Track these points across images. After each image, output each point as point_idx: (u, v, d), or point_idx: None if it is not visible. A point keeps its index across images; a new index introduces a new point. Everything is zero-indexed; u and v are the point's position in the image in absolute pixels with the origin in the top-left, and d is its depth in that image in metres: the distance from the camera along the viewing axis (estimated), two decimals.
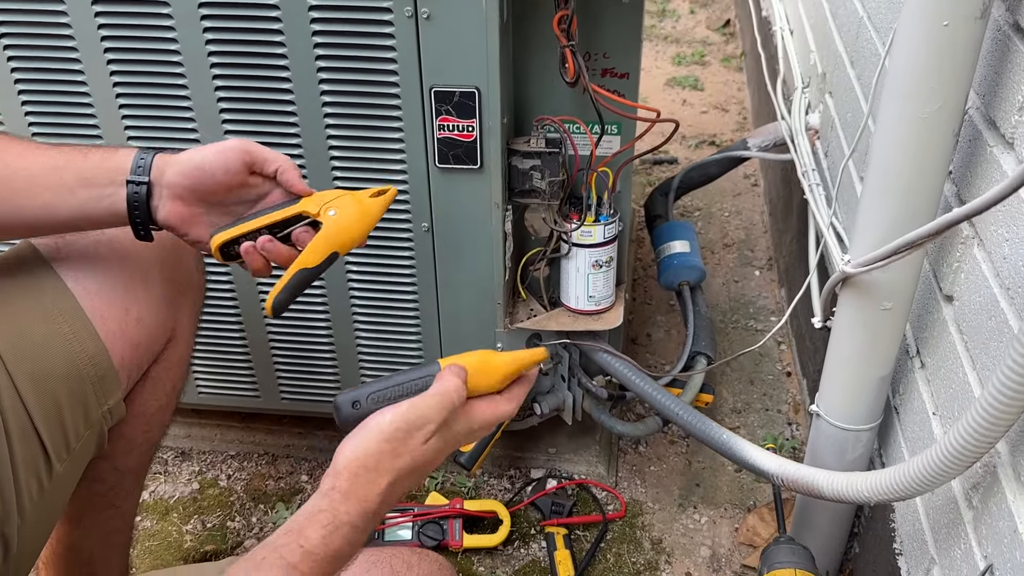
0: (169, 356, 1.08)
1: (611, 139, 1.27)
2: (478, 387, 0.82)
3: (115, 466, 1.09)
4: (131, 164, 0.87)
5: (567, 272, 1.33)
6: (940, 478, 0.84)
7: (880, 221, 0.96)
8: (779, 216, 2.05)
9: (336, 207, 0.90)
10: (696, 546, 1.46)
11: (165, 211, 0.88)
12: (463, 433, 0.80)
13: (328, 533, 0.71)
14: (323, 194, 0.91)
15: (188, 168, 0.87)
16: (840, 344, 1.07)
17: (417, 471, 0.77)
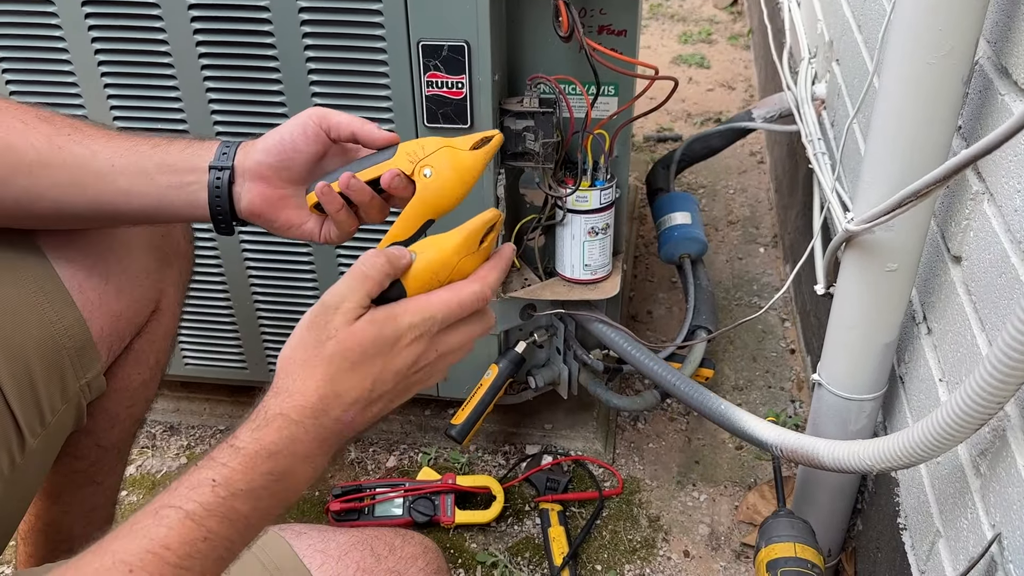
0: (153, 329, 1.04)
1: (608, 100, 1.23)
2: (433, 268, 0.70)
3: (97, 442, 1.05)
4: (215, 152, 0.83)
5: (562, 239, 1.29)
6: (946, 442, 0.79)
7: (885, 176, 0.91)
8: (785, 192, 2.00)
9: (431, 164, 0.79)
10: (695, 524, 1.42)
11: (250, 196, 0.83)
12: (413, 321, 0.69)
13: (257, 427, 0.64)
14: (416, 145, 0.80)
15: (269, 144, 0.82)
16: (843, 309, 1.03)
17: (356, 362, 0.67)
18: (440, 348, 0.71)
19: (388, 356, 0.69)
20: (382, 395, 0.70)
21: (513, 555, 1.37)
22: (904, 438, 0.84)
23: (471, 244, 0.71)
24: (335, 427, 0.68)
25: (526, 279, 1.34)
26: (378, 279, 0.69)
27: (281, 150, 0.81)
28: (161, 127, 1.21)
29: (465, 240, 0.71)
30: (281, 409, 0.65)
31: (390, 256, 0.70)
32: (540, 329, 1.39)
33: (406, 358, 0.69)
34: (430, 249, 0.71)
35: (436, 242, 0.71)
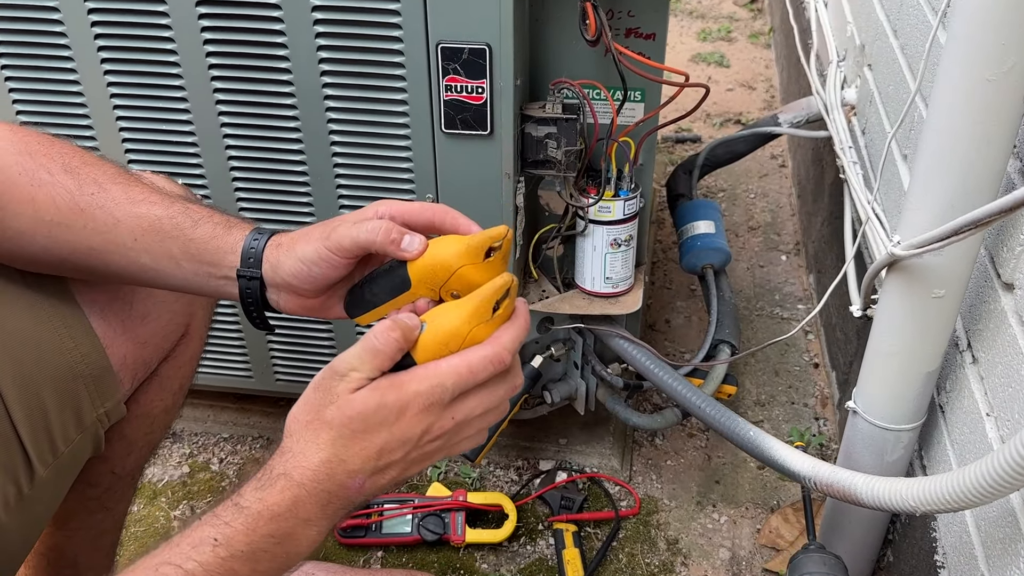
0: (181, 353, 0.99)
1: (634, 107, 1.17)
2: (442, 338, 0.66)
3: (112, 469, 1.01)
4: (241, 251, 0.77)
5: (583, 251, 1.23)
6: (1004, 489, 0.74)
7: (935, 199, 0.85)
8: (808, 198, 1.94)
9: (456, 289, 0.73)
10: (715, 547, 1.36)
11: (288, 305, 0.79)
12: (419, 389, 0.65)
13: (261, 486, 0.63)
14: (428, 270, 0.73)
15: (297, 273, 0.76)
16: (883, 335, 0.97)
17: (358, 430, 0.64)
18: (457, 416, 0.67)
19: (394, 425, 0.65)
20: (392, 463, 0.67)
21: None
22: (956, 481, 0.78)
23: (483, 314, 0.66)
24: (340, 492, 0.65)
25: (544, 291, 1.28)
26: (390, 355, 0.66)
27: (312, 279, 0.76)
28: (166, 131, 1.16)
29: (476, 310, 0.66)
30: (285, 470, 0.64)
31: (404, 330, 0.66)
32: (557, 343, 1.33)
33: (415, 427, 0.66)
34: (440, 318, 0.67)
35: (447, 311, 0.67)
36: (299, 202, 1.19)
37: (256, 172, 1.17)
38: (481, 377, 0.66)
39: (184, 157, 1.18)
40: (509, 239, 0.73)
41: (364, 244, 0.73)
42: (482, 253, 0.71)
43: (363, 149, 1.12)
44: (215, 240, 0.78)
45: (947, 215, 0.83)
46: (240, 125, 1.13)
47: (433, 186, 1.13)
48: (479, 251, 0.71)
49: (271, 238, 0.78)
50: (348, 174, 1.15)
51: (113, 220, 0.77)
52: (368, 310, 0.78)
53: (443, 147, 1.09)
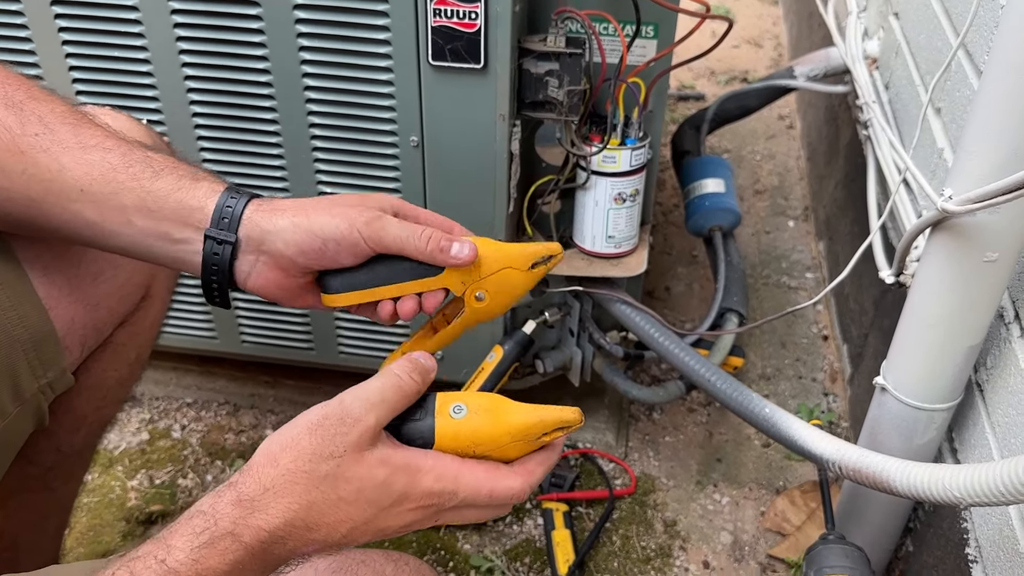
0: (140, 319, 0.88)
1: (645, 43, 1.05)
2: (477, 438, 0.58)
3: (57, 446, 0.90)
4: (213, 209, 0.66)
5: (583, 206, 1.12)
6: None
7: (996, 146, 0.74)
8: (820, 161, 1.82)
9: (486, 289, 0.71)
10: (716, 531, 1.26)
11: (261, 281, 0.69)
12: (432, 488, 0.56)
13: (200, 545, 0.51)
14: (472, 268, 0.70)
15: (304, 244, 0.66)
16: (922, 304, 0.86)
17: (345, 499, 0.54)
18: (441, 520, 0.59)
19: (384, 511, 0.56)
20: (350, 543, 0.57)
21: (511, 559, 1.22)
22: (1009, 471, 0.68)
23: (533, 435, 0.58)
24: (286, 557, 0.55)
25: None
26: (412, 398, 0.59)
27: (319, 256, 0.67)
28: (117, 59, 1.02)
29: (529, 428, 0.58)
30: (235, 527, 0.52)
31: (423, 372, 0.60)
32: (552, 307, 1.22)
33: (401, 520, 0.57)
34: (484, 415, 0.58)
35: (495, 410, 0.58)
36: (267, 143, 1.06)
37: (217, 105, 1.04)
38: (494, 504, 0.59)
39: (137, 89, 1.05)
40: (559, 260, 0.73)
41: (407, 250, 0.68)
42: (530, 261, 0.71)
43: (339, 83, 0.99)
44: (179, 192, 0.66)
45: (1010, 165, 0.72)
46: (200, 53, 1.00)
47: (418, 128, 1.01)
48: (529, 259, 0.71)
49: (252, 200, 0.67)
50: (322, 111, 1.02)
51: (58, 166, 0.65)
52: (373, 286, 0.69)
53: (430, 82, 0.97)
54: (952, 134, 1.06)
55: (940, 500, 0.76)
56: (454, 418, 0.58)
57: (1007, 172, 0.70)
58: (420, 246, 0.67)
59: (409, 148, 1.02)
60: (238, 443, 1.37)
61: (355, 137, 1.03)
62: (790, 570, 1.20)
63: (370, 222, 0.66)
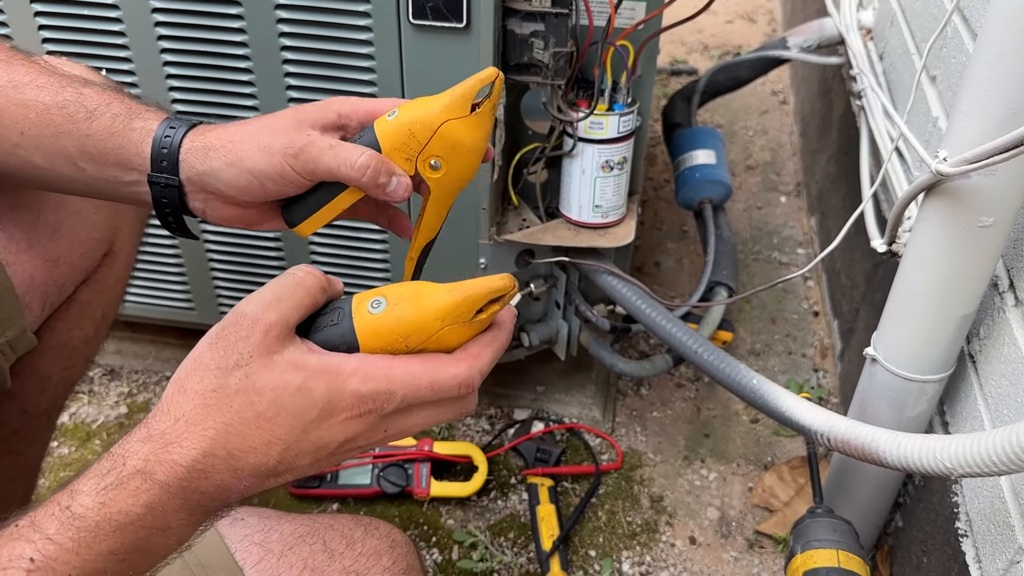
0: (104, 275, 0.85)
1: (634, 5, 1.01)
2: (405, 329, 0.51)
3: (22, 407, 0.87)
4: (150, 151, 0.63)
5: (570, 174, 1.09)
6: None
7: (993, 105, 0.71)
8: (812, 136, 1.80)
9: (436, 154, 0.62)
10: (703, 506, 1.25)
11: (216, 215, 0.66)
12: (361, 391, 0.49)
13: (107, 487, 0.46)
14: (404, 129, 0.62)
15: (243, 186, 0.63)
16: (915, 271, 0.84)
17: (263, 415, 0.48)
18: (391, 430, 0.52)
19: (312, 424, 0.49)
20: (292, 469, 0.50)
21: (495, 535, 1.20)
22: (1004, 440, 0.66)
23: (464, 312, 0.50)
24: (217, 495, 0.49)
25: (524, 220, 1.14)
26: (313, 292, 0.52)
27: (262, 192, 0.63)
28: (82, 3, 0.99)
29: (457, 306, 0.50)
30: (146, 464, 0.46)
31: (332, 280, 0.54)
32: (538, 279, 1.19)
33: (337, 434, 0.50)
34: (406, 303, 0.51)
35: (417, 296, 0.51)
36: (242, 105, 1.03)
37: (193, 68, 1.01)
38: (440, 398, 0.52)
39: (106, 37, 1.01)
40: (500, 83, 0.61)
41: (343, 178, 0.62)
42: (469, 104, 0.61)
43: (316, 43, 0.96)
44: (115, 137, 0.63)
45: (1007, 125, 0.70)
46: (174, 11, 0.97)
47: (399, 90, 0.98)
48: (465, 101, 0.61)
49: (189, 132, 0.63)
50: (298, 72, 0.99)
51: None
52: (317, 209, 0.64)
53: (411, 42, 0.94)
54: (947, 102, 1.04)
55: (931, 471, 0.74)
56: (373, 313, 0.51)
57: (1003, 132, 0.68)
58: (356, 177, 0.61)
59: None
60: None
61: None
62: (777, 546, 1.19)
63: (299, 154, 0.61)
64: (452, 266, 1.13)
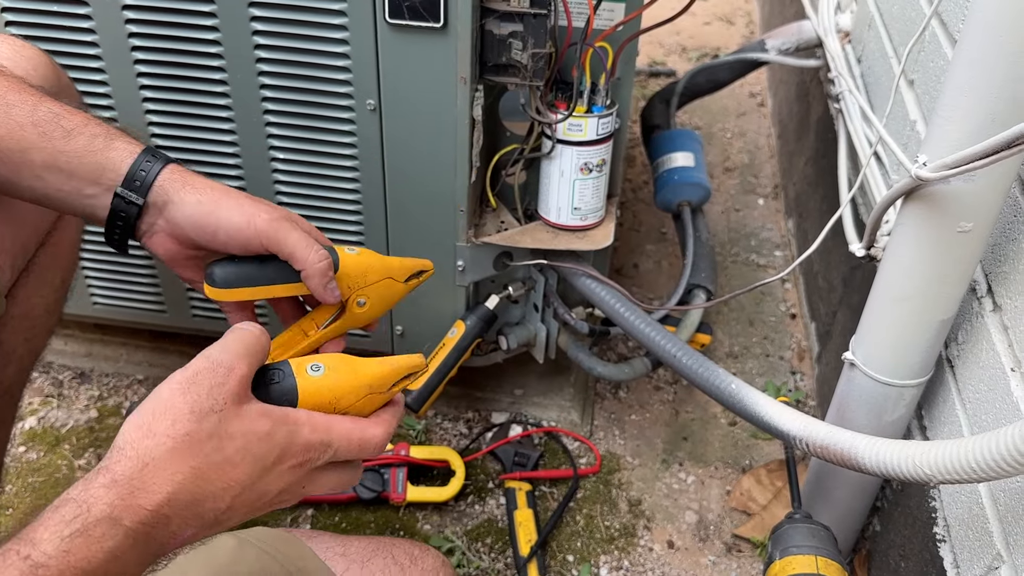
0: (59, 238, 0.86)
1: (613, 7, 1.01)
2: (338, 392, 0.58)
3: None
4: (127, 170, 0.67)
5: (548, 176, 1.08)
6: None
7: (973, 110, 0.71)
8: (790, 138, 1.80)
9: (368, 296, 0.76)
10: (681, 510, 1.24)
11: (154, 240, 0.70)
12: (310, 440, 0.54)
13: (71, 535, 0.45)
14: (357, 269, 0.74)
15: (200, 224, 0.68)
16: (893, 277, 0.84)
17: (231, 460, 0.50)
18: (308, 487, 0.56)
19: (266, 471, 0.52)
20: (229, 519, 0.52)
21: (472, 540, 1.19)
22: (983, 447, 0.66)
23: (387, 383, 0.60)
24: (166, 543, 0.50)
25: (502, 222, 1.13)
26: (266, 350, 0.56)
27: (210, 239, 0.68)
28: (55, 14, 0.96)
29: (383, 377, 0.60)
30: (112, 509, 0.46)
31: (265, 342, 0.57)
32: (516, 282, 1.18)
33: (279, 482, 0.53)
34: (343, 370, 0.59)
35: (349, 364, 0.60)
36: (216, 104, 1.01)
37: (164, 67, 0.99)
38: (358, 456, 0.57)
39: (76, 34, 0.99)
40: (429, 275, 0.80)
41: (298, 260, 0.68)
42: (407, 274, 0.78)
43: (291, 42, 0.94)
44: (93, 155, 0.66)
45: (987, 131, 0.70)
46: (145, 8, 0.95)
47: (375, 91, 0.96)
48: (407, 271, 0.78)
49: (170, 164, 0.68)
50: (273, 71, 0.97)
51: None
52: (250, 284, 0.70)
53: (387, 42, 0.92)
54: (925, 106, 1.04)
55: (910, 478, 0.74)
56: (313, 376, 0.57)
57: (983, 138, 0.67)
58: (313, 261, 0.68)
59: (366, 112, 0.98)
60: None
61: (309, 100, 0.98)
62: (756, 550, 1.19)
63: (272, 222, 0.67)
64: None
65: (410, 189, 1.05)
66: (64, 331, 1.41)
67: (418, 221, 1.07)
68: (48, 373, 1.39)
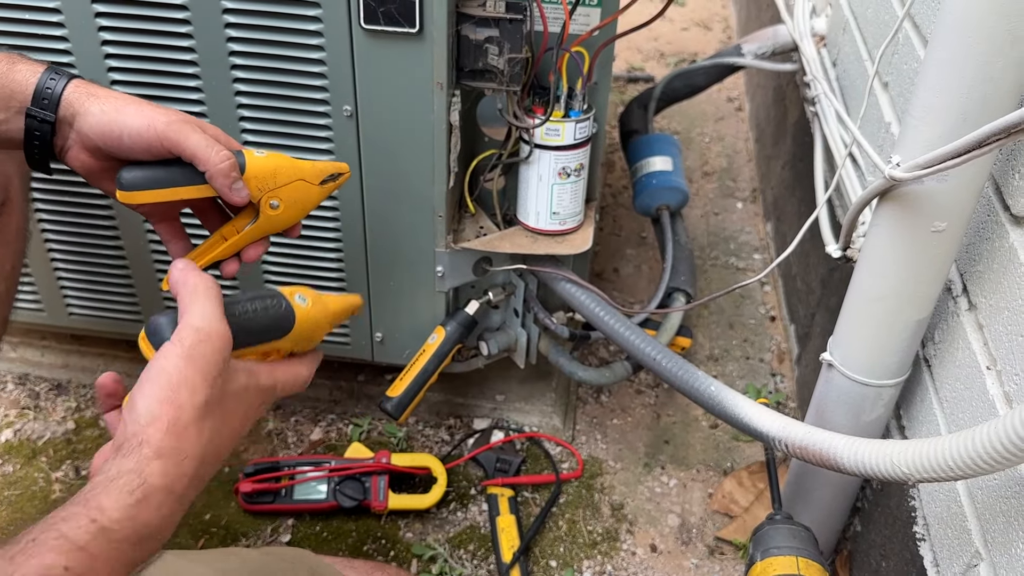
0: (4, 226, 0.88)
1: (589, 11, 1.01)
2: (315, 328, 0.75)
3: None
4: (34, 89, 0.70)
5: (527, 181, 1.08)
6: (1021, 455, 0.61)
7: (944, 110, 0.72)
8: (768, 142, 1.81)
9: (280, 198, 0.78)
10: (663, 513, 1.24)
11: (70, 156, 0.74)
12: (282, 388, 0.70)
13: (135, 503, 0.53)
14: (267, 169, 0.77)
15: (105, 131, 0.71)
16: (869, 277, 0.84)
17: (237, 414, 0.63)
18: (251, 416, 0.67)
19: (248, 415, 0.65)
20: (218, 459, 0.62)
21: (455, 547, 1.18)
22: (959, 445, 0.66)
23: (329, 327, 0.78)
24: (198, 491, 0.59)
25: (481, 227, 1.13)
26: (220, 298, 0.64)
27: (116, 145, 0.71)
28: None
29: (334, 319, 0.78)
30: (166, 479, 0.54)
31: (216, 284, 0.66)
32: (496, 287, 1.18)
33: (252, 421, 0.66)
34: (321, 307, 0.76)
35: (321, 301, 0.76)
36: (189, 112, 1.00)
37: (139, 75, 0.98)
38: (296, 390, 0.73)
39: (48, 43, 0.98)
40: (347, 178, 0.84)
41: (200, 160, 0.71)
42: (321, 177, 0.80)
43: (266, 48, 0.94)
44: None
45: (959, 130, 0.70)
46: (115, 16, 0.94)
47: (351, 96, 0.96)
48: (320, 174, 0.80)
49: (75, 79, 0.72)
50: (248, 78, 0.96)
51: None
52: (157, 186, 0.72)
53: (363, 48, 0.92)
54: (899, 107, 1.05)
55: (888, 477, 0.74)
56: (303, 306, 0.72)
57: (954, 138, 0.68)
58: (215, 161, 0.70)
59: (342, 118, 0.98)
60: None
61: (285, 106, 0.98)
62: (738, 552, 1.19)
63: (171, 124, 0.69)
64: (408, 274, 1.11)
65: (388, 195, 1.04)
66: (41, 342, 1.39)
67: (397, 227, 1.07)
68: (24, 385, 1.37)
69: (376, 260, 1.10)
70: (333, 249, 1.10)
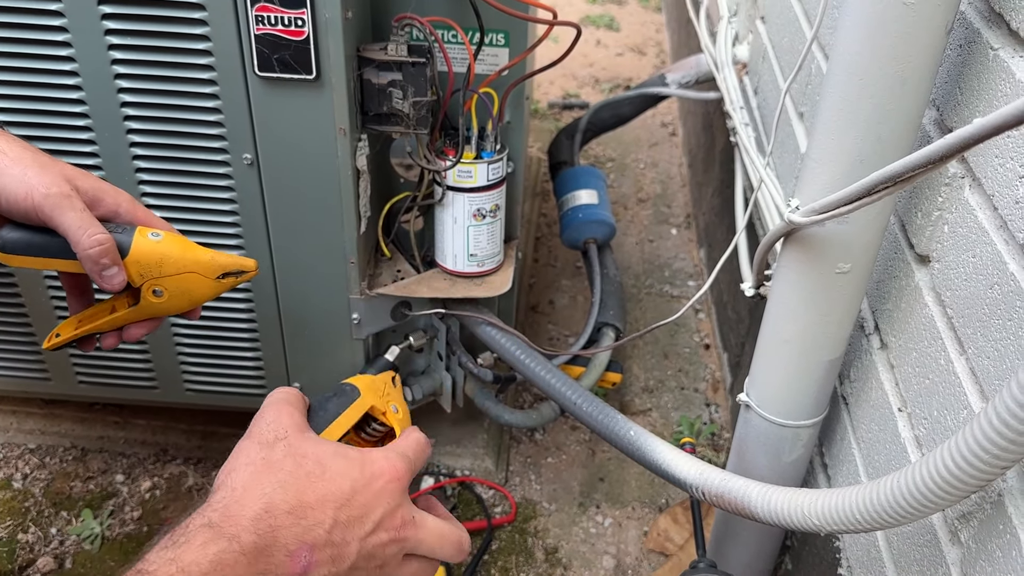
0: None
1: (497, 52, 0.99)
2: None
3: None
4: None
5: (443, 223, 1.06)
6: (923, 510, 0.60)
7: (840, 154, 0.71)
8: (699, 168, 1.81)
9: (166, 288, 0.73)
10: (598, 555, 1.22)
11: None
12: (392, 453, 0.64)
13: (174, 543, 0.51)
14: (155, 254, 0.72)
15: None
16: (778, 318, 0.83)
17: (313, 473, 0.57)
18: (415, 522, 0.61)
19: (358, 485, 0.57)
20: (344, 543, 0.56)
21: None
22: (864, 498, 0.64)
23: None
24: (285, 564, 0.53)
25: (399, 271, 1.10)
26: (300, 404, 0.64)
27: None
28: None
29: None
30: (208, 518, 0.52)
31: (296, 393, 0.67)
32: (417, 331, 1.15)
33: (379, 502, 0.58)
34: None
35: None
36: (82, 165, 0.96)
37: (30, 128, 0.94)
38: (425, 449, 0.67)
39: None
40: (251, 276, 0.77)
41: (72, 241, 0.67)
42: (218, 272, 0.74)
43: (159, 98, 0.90)
44: None
45: (855, 173, 0.69)
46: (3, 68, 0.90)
47: (251, 145, 0.93)
48: (217, 269, 0.74)
49: None
50: (142, 128, 0.93)
51: None
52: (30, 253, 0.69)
53: (260, 95, 0.89)
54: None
55: (801, 528, 0.72)
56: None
57: (851, 180, 0.67)
58: (85, 246, 0.67)
59: (243, 166, 0.94)
60: (86, 490, 1.26)
61: (182, 156, 0.94)
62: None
63: (49, 197, 0.66)
64: (323, 323, 1.08)
65: (297, 243, 1.01)
66: None
67: (308, 275, 1.04)
68: None
69: (289, 312, 1.07)
70: (241, 301, 1.06)
